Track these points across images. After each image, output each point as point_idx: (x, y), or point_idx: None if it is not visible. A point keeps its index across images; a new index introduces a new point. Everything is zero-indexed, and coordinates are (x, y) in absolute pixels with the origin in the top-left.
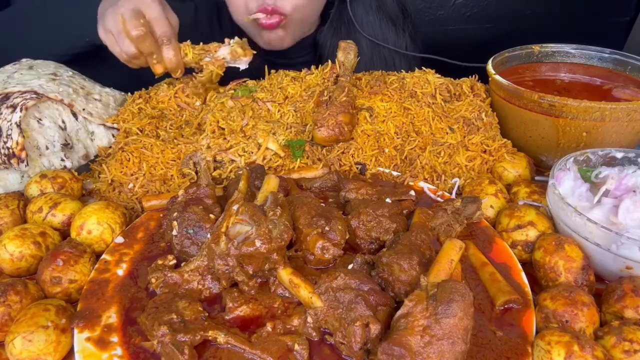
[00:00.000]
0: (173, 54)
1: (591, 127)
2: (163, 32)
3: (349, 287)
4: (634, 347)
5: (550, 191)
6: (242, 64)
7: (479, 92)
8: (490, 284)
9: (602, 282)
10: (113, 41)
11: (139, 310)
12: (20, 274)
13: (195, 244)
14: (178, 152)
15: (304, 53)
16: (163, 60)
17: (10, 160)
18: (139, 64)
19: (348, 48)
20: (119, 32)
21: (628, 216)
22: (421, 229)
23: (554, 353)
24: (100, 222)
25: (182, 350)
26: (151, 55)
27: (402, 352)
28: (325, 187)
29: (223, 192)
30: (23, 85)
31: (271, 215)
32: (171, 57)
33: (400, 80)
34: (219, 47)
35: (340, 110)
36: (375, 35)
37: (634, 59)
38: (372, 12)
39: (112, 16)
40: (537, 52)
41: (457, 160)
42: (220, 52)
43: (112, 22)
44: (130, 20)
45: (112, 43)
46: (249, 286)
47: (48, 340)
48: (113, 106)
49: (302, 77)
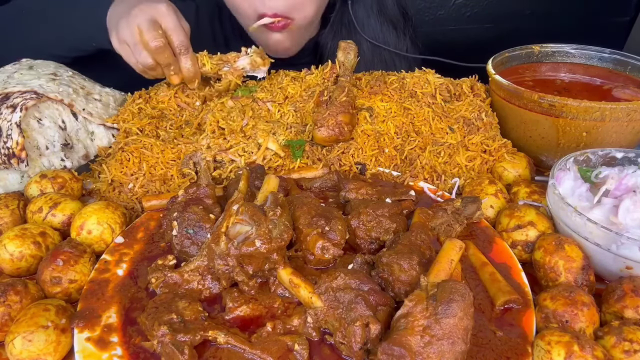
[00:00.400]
0: (191, 63)
1: (591, 127)
2: (180, 41)
3: (349, 287)
4: (634, 347)
5: (550, 191)
6: (261, 72)
7: (479, 92)
8: (490, 284)
9: (602, 282)
10: (129, 52)
11: (139, 310)
12: (20, 274)
13: (195, 244)
14: (178, 152)
15: (305, 55)
16: (181, 70)
17: (10, 160)
18: (155, 75)
19: (348, 48)
20: (135, 43)
21: (628, 216)
22: (421, 229)
23: (554, 353)
24: (100, 222)
25: (182, 350)
26: (169, 67)
27: (402, 352)
28: (325, 187)
29: (223, 192)
30: (23, 85)
31: (271, 215)
32: (189, 67)
33: (400, 80)
34: (237, 57)
35: (340, 110)
36: (376, 38)
37: (634, 59)
38: (373, 15)
39: (127, 26)
40: (537, 52)
41: (457, 160)
42: (239, 63)
43: (127, 32)
44: (149, 31)
45: (128, 54)
46: (249, 286)
47: (48, 340)
48: (113, 106)
49: (302, 77)
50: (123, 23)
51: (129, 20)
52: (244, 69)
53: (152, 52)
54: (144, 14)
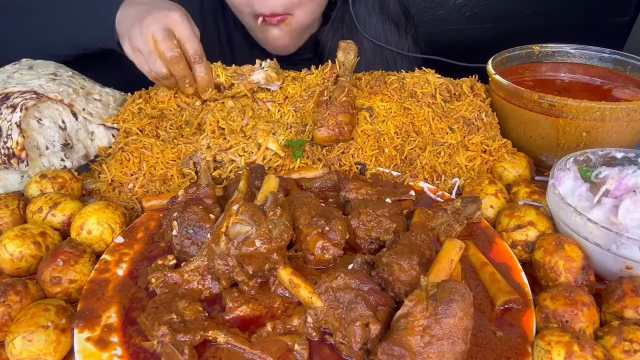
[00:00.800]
0: (205, 72)
1: (591, 127)
2: (195, 50)
3: (349, 287)
4: (634, 347)
5: (550, 191)
6: (274, 86)
7: (479, 92)
8: (490, 284)
9: (602, 282)
10: (142, 60)
11: (139, 310)
12: (20, 274)
13: (195, 244)
14: (178, 152)
15: (306, 52)
16: (195, 79)
17: (10, 160)
18: (168, 85)
19: (348, 48)
20: (149, 52)
21: (628, 216)
22: (421, 229)
23: (554, 353)
24: (100, 222)
25: (182, 350)
26: (184, 79)
27: (402, 352)
28: (325, 187)
29: (223, 192)
30: (23, 85)
31: (271, 215)
32: (203, 75)
33: (400, 80)
34: (252, 71)
35: (340, 110)
36: (378, 36)
37: (634, 59)
38: (375, 13)
39: (141, 35)
40: (537, 52)
41: (457, 160)
42: (254, 77)
43: (140, 41)
44: (164, 41)
45: (141, 62)
46: (249, 286)
47: (48, 340)
48: (113, 106)
49: (302, 77)
50: (136, 31)
51: (142, 29)
52: (258, 83)
53: (167, 62)
54: (158, 22)
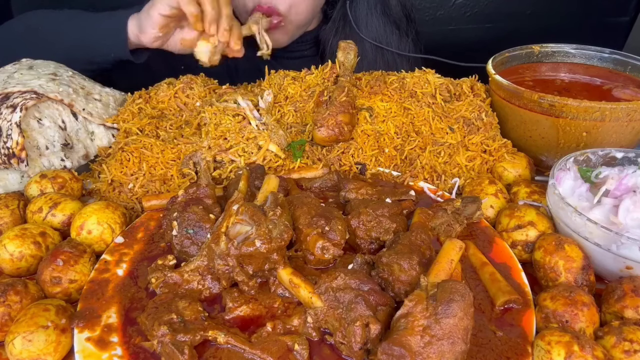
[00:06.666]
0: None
1: (591, 127)
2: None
3: (349, 287)
4: (634, 347)
5: (550, 191)
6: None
7: (479, 92)
8: (490, 284)
9: (602, 282)
10: (166, 22)
11: (139, 310)
12: (20, 274)
13: (195, 244)
14: (178, 152)
15: (306, 47)
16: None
17: (10, 160)
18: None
19: (348, 48)
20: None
21: (628, 216)
22: (421, 229)
23: (554, 353)
24: (100, 222)
25: (182, 350)
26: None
27: (402, 352)
28: (325, 187)
29: (223, 192)
30: (23, 85)
31: (271, 215)
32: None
33: (400, 80)
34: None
35: (340, 110)
36: (378, 38)
37: (634, 59)
38: (376, 14)
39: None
40: (537, 52)
41: (457, 160)
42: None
43: (163, 6)
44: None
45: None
46: (249, 286)
47: (48, 340)
48: (113, 106)
49: (302, 77)
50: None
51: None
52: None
53: None
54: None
